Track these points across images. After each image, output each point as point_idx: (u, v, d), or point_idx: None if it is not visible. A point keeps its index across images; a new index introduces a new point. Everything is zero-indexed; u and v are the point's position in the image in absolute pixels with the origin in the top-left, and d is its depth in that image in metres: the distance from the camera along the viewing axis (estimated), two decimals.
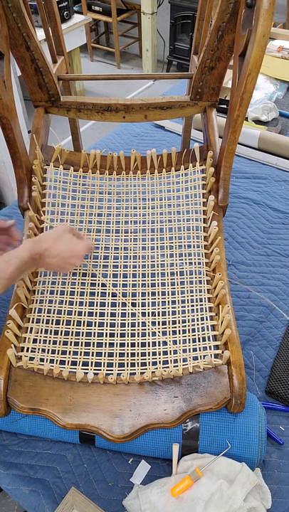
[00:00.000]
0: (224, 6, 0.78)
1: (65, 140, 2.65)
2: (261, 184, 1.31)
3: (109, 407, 0.69)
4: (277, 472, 0.73)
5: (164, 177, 0.96)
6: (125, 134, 1.52)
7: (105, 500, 0.69)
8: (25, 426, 0.73)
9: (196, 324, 0.77)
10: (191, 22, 3.18)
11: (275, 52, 1.82)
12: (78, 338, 0.77)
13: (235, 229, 1.16)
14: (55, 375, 0.71)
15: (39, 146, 0.93)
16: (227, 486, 0.64)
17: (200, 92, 0.96)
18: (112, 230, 0.92)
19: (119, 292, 0.83)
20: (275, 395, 0.82)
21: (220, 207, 0.88)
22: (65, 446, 0.75)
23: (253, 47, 0.67)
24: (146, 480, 0.71)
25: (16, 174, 0.88)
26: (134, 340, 0.77)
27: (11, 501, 1.22)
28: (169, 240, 0.89)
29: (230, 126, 0.80)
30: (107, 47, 3.91)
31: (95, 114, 0.99)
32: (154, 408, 0.68)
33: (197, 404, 0.68)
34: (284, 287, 1.02)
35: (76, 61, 3.04)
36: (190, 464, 0.68)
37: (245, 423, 0.69)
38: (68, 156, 0.96)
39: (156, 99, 0.98)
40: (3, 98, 0.77)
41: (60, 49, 1.12)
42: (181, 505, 0.64)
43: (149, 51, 3.50)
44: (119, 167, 0.99)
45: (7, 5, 0.79)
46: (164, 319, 0.80)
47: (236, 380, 0.68)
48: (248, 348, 0.90)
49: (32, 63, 0.89)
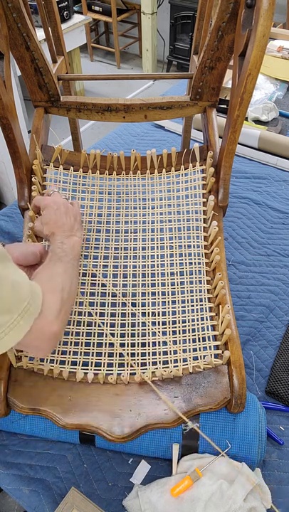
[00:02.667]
0: (224, 6, 0.78)
1: (65, 140, 2.65)
2: (261, 184, 1.31)
3: (109, 407, 0.69)
4: (277, 472, 0.73)
5: (164, 177, 0.96)
6: (125, 134, 1.52)
7: (105, 500, 0.69)
8: (25, 426, 0.73)
9: (196, 324, 0.77)
10: (191, 22, 3.19)
11: (275, 52, 1.82)
12: (78, 338, 0.77)
13: (235, 229, 1.16)
14: (55, 375, 0.71)
15: (39, 146, 0.93)
16: (227, 486, 0.64)
17: (200, 92, 0.96)
18: (112, 230, 0.92)
19: (119, 292, 0.83)
20: (275, 395, 0.82)
21: (220, 207, 0.88)
22: (65, 446, 0.75)
23: (253, 47, 0.67)
24: (146, 480, 0.71)
25: (15, 174, 0.88)
26: (134, 340, 0.77)
27: (11, 501, 1.22)
28: (169, 240, 0.89)
29: (230, 126, 0.80)
30: (107, 47, 3.92)
31: (95, 114, 0.99)
32: (154, 408, 0.68)
33: (197, 404, 0.68)
34: (284, 287, 1.02)
35: (76, 61, 3.04)
36: (190, 464, 0.68)
37: (245, 423, 0.69)
38: (68, 156, 0.96)
39: (156, 99, 0.98)
40: (3, 98, 0.77)
41: (60, 49, 1.11)
42: (181, 505, 0.64)
43: (149, 51, 3.50)
44: (119, 167, 0.99)
45: (7, 5, 0.79)
46: (164, 319, 0.80)
47: (236, 380, 0.68)
48: (248, 348, 0.90)
49: (32, 63, 0.89)
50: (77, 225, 0.78)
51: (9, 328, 0.50)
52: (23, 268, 0.68)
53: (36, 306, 0.55)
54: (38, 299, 0.56)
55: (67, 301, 0.62)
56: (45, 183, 0.92)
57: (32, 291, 0.54)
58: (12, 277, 0.52)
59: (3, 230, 1.16)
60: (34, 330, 0.54)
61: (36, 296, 0.55)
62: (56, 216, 0.75)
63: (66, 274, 0.65)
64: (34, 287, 0.56)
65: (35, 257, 0.70)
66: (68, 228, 0.75)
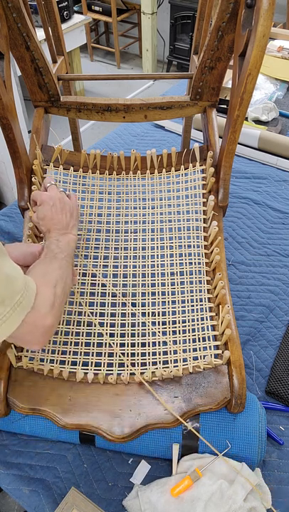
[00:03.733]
0: (224, 6, 0.78)
1: (65, 140, 2.65)
2: (261, 184, 1.31)
3: (109, 407, 0.69)
4: (277, 472, 0.73)
5: (164, 177, 0.96)
6: (125, 134, 1.52)
7: (105, 500, 0.69)
8: (25, 426, 0.73)
9: (196, 324, 0.77)
10: (191, 22, 3.19)
11: (275, 52, 1.82)
12: (78, 338, 0.77)
13: (235, 229, 1.16)
14: (55, 375, 0.71)
15: (39, 146, 0.93)
16: (227, 486, 0.64)
17: (200, 92, 0.96)
18: (112, 230, 0.92)
19: (119, 292, 0.83)
20: (275, 395, 0.82)
21: (220, 207, 0.88)
22: (65, 446, 0.75)
23: (253, 47, 0.67)
24: (146, 480, 0.71)
25: (15, 174, 0.88)
26: (134, 340, 0.77)
27: (11, 501, 1.22)
28: (169, 240, 0.89)
29: (230, 126, 0.80)
30: (107, 47, 3.92)
31: (95, 114, 0.99)
32: (154, 408, 0.68)
33: (197, 404, 0.68)
34: (284, 287, 1.02)
35: (76, 61, 3.04)
36: (190, 464, 0.68)
37: (245, 423, 0.69)
38: (68, 156, 0.96)
39: (156, 99, 0.98)
40: (3, 98, 0.77)
41: (60, 49, 1.11)
42: (181, 505, 0.64)
43: (149, 51, 3.50)
44: (119, 167, 0.99)
45: (7, 5, 0.79)
46: (164, 319, 0.80)
47: (236, 380, 0.68)
48: (248, 348, 0.90)
49: (32, 63, 0.89)
50: (73, 221, 0.78)
51: (1, 321, 0.51)
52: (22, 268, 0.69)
53: (29, 299, 0.55)
54: (31, 293, 0.56)
55: (61, 296, 0.63)
56: None
57: (26, 284, 0.55)
58: (6, 270, 0.52)
59: (3, 230, 1.16)
60: (27, 323, 0.55)
61: (30, 290, 0.56)
62: (52, 213, 0.76)
63: (60, 270, 0.66)
64: (28, 281, 0.57)
65: (34, 257, 0.70)
66: (63, 226, 0.76)
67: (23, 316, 0.54)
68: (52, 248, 0.70)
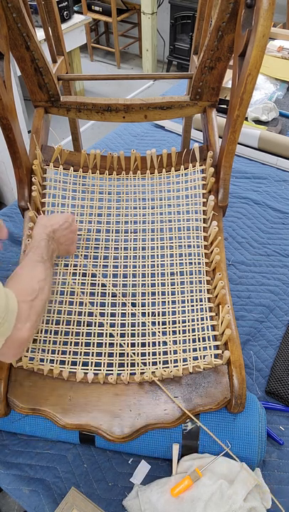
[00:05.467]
0: (224, 6, 0.78)
1: (65, 140, 2.65)
2: (261, 184, 1.31)
3: (109, 407, 0.69)
4: (277, 472, 0.73)
5: (164, 177, 0.96)
6: (125, 134, 1.52)
7: (105, 500, 0.69)
8: (25, 426, 0.73)
9: (196, 324, 0.77)
10: (191, 22, 3.18)
11: (275, 52, 1.82)
12: (78, 338, 0.77)
13: (235, 229, 1.16)
14: (55, 375, 0.71)
15: (39, 146, 0.93)
16: (227, 486, 0.64)
17: (200, 92, 0.96)
18: (112, 230, 0.92)
19: (119, 292, 0.83)
20: (275, 395, 0.82)
21: (220, 207, 0.88)
22: (65, 446, 0.75)
23: (253, 47, 0.67)
24: (146, 480, 0.71)
25: (15, 174, 0.88)
26: (134, 340, 0.77)
27: (11, 501, 1.22)
28: (169, 240, 0.89)
29: (230, 126, 0.79)
30: (107, 47, 3.91)
31: (95, 114, 0.99)
32: (154, 408, 0.68)
33: (197, 404, 0.68)
34: (284, 287, 1.02)
35: (76, 61, 3.04)
36: (190, 464, 0.68)
37: (245, 423, 0.69)
38: (68, 156, 0.96)
39: (156, 99, 0.98)
40: (3, 98, 0.77)
41: (60, 49, 1.11)
42: (181, 505, 0.64)
43: (149, 51, 3.50)
44: (119, 167, 0.99)
45: (7, 5, 0.79)
46: (164, 319, 0.80)
47: (236, 380, 0.68)
48: (248, 348, 0.90)
49: (32, 63, 0.89)
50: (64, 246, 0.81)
51: None
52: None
53: (9, 324, 0.55)
54: (12, 315, 0.56)
55: (41, 305, 0.63)
56: (45, 183, 0.92)
57: (6, 307, 0.55)
58: None
59: None
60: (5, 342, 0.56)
61: (10, 313, 0.56)
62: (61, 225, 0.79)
63: (44, 274, 0.67)
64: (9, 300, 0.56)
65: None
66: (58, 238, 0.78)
67: (3, 341, 0.55)
68: (42, 245, 0.71)
